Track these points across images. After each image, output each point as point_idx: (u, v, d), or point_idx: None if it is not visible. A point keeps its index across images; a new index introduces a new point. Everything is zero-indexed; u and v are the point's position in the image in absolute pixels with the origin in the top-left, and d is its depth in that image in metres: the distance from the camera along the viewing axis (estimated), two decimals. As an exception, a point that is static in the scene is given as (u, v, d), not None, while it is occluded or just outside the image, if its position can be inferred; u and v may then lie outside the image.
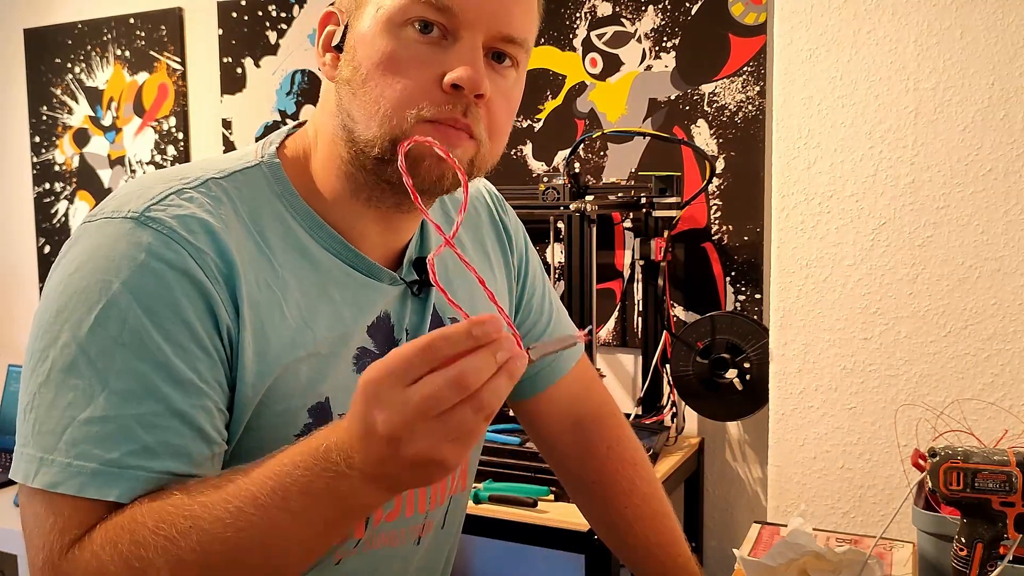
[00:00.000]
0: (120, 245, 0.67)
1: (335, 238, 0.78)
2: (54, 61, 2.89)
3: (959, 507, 0.97)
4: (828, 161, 1.46)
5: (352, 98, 0.72)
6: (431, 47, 0.70)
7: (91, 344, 0.65)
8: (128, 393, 0.65)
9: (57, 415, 0.65)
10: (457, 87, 0.70)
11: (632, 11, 2.08)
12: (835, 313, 1.47)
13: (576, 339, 0.62)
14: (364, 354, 0.78)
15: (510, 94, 0.76)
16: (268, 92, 2.58)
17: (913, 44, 1.39)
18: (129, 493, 0.65)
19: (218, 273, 0.69)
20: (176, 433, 0.66)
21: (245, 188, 0.75)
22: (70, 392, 0.65)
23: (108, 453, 0.64)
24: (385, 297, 0.81)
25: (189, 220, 0.69)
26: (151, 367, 0.66)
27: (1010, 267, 1.36)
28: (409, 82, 0.70)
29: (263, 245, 0.74)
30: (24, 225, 3.01)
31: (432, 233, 0.87)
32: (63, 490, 0.64)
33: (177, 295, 0.67)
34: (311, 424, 0.74)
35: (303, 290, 0.75)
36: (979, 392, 1.39)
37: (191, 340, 0.67)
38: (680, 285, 2.07)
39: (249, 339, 0.70)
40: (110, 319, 0.66)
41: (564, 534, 1.55)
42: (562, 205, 1.75)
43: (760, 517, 1.90)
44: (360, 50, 0.72)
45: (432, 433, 0.54)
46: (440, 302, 0.86)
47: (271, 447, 0.72)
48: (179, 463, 0.66)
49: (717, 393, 1.89)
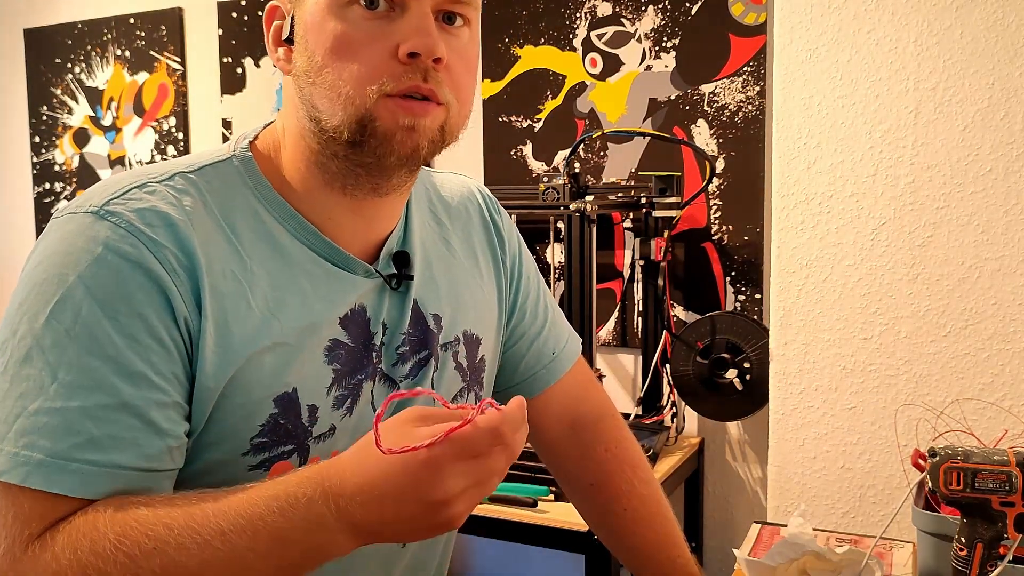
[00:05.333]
0: (79, 239, 0.68)
1: (307, 228, 0.77)
2: (54, 61, 2.89)
3: (959, 507, 0.97)
4: (828, 161, 1.46)
5: (312, 87, 0.73)
6: (380, 21, 0.71)
7: (45, 336, 0.66)
8: (77, 386, 0.65)
9: (9, 405, 0.66)
10: (413, 55, 0.70)
11: (632, 11, 2.08)
12: (835, 313, 1.47)
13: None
14: (337, 346, 0.78)
15: (466, 53, 0.76)
16: (268, 92, 2.58)
17: (913, 44, 1.39)
18: (81, 488, 0.65)
19: (177, 265, 0.69)
20: (125, 426, 0.66)
21: (215, 181, 0.76)
22: (23, 383, 0.66)
23: (55, 445, 0.64)
24: (359, 289, 0.80)
25: (147, 213, 0.70)
26: (101, 360, 0.66)
27: (1010, 267, 1.36)
28: (365, 60, 0.70)
29: (232, 236, 0.74)
30: (24, 225, 3.01)
31: (416, 225, 0.87)
32: (7, 479, 0.64)
33: (132, 288, 0.67)
34: (276, 414, 0.74)
35: (272, 281, 0.75)
36: (979, 392, 1.39)
37: (146, 333, 0.68)
38: (680, 285, 2.07)
39: (211, 330, 0.70)
40: (64, 312, 0.66)
41: (564, 534, 1.55)
42: (562, 205, 1.75)
43: (760, 517, 1.90)
44: (311, 38, 0.72)
45: (468, 499, 0.62)
46: (421, 297, 0.85)
47: (236, 437, 0.72)
48: (128, 456, 0.66)
49: (717, 393, 1.89)
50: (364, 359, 0.80)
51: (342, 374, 0.78)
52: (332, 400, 0.77)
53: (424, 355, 0.85)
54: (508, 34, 2.20)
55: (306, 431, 0.76)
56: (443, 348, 0.87)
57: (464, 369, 0.89)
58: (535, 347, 1.01)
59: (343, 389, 0.78)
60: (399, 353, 0.83)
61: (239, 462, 0.73)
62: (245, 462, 0.73)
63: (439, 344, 0.86)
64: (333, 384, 0.77)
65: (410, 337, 0.83)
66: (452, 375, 0.88)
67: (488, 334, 0.93)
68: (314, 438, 0.76)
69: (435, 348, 0.85)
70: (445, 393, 0.87)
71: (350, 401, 0.79)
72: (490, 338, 0.94)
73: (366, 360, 0.80)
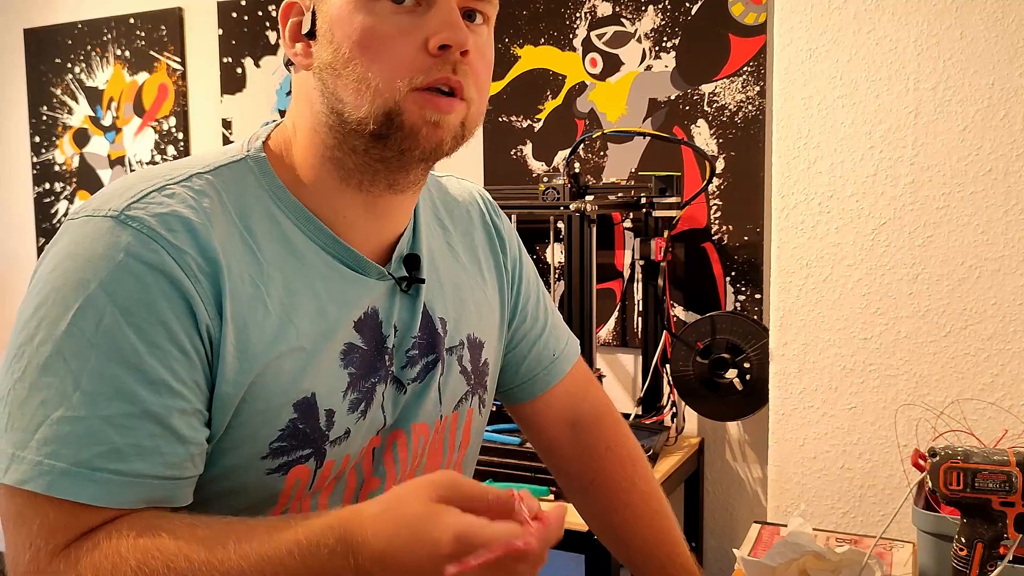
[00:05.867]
0: (99, 244, 0.68)
1: (323, 231, 0.77)
2: (54, 61, 2.89)
3: (959, 507, 0.97)
4: (828, 161, 1.46)
5: (337, 80, 0.72)
6: (408, 15, 0.71)
7: (66, 344, 0.65)
8: (99, 394, 0.65)
9: (30, 412, 0.65)
10: (444, 47, 0.71)
11: (632, 11, 2.08)
12: (835, 313, 1.47)
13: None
14: (351, 350, 0.78)
15: (485, 51, 0.77)
16: (268, 92, 2.58)
17: (913, 44, 1.39)
18: (105, 497, 0.64)
19: (198, 271, 0.69)
20: (147, 434, 0.66)
21: (231, 181, 0.75)
22: (44, 390, 0.65)
23: (78, 454, 0.64)
24: (372, 292, 0.80)
25: (169, 218, 0.69)
26: (123, 368, 0.66)
27: (1010, 267, 1.36)
28: (395, 54, 0.71)
29: (248, 239, 0.74)
30: (24, 225, 3.01)
31: (423, 228, 0.87)
32: (31, 487, 0.64)
33: (155, 295, 0.67)
34: (296, 419, 0.74)
35: (287, 284, 0.75)
36: (979, 392, 1.39)
37: (168, 340, 0.67)
38: (680, 285, 2.07)
39: (231, 336, 0.70)
40: (86, 319, 0.66)
41: (564, 534, 1.54)
42: (562, 205, 1.75)
43: (760, 517, 1.90)
44: (337, 31, 0.72)
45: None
46: (431, 301, 0.85)
47: (255, 442, 0.72)
48: (151, 465, 0.66)
49: (717, 393, 1.89)
50: (377, 362, 0.80)
51: (357, 377, 0.78)
52: (348, 404, 0.77)
53: (432, 359, 0.85)
54: (508, 34, 2.20)
55: (323, 435, 0.76)
56: (448, 352, 0.87)
57: (468, 373, 0.90)
58: (536, 349, 1.01)
59: (358, 392, 0.78)
60: (408, 356, 0.83)
61: (257, 466, 0.73)
62: (263, 466, 0.73)
63: (445, 348, 0.86)
64: (349, 388, 0.77)
65: (419, 340, 0.84)
66: (457, 379, 0.88)
67: (491, 337, 0.93)
68: (331, 442, 0.76)
69: (442, 352, 0.86)
70: (450, 396, 0.87)
71: (364, 404, 0.79)
72: (493, 341, 0.94)
73: (379, 363, 0.80)
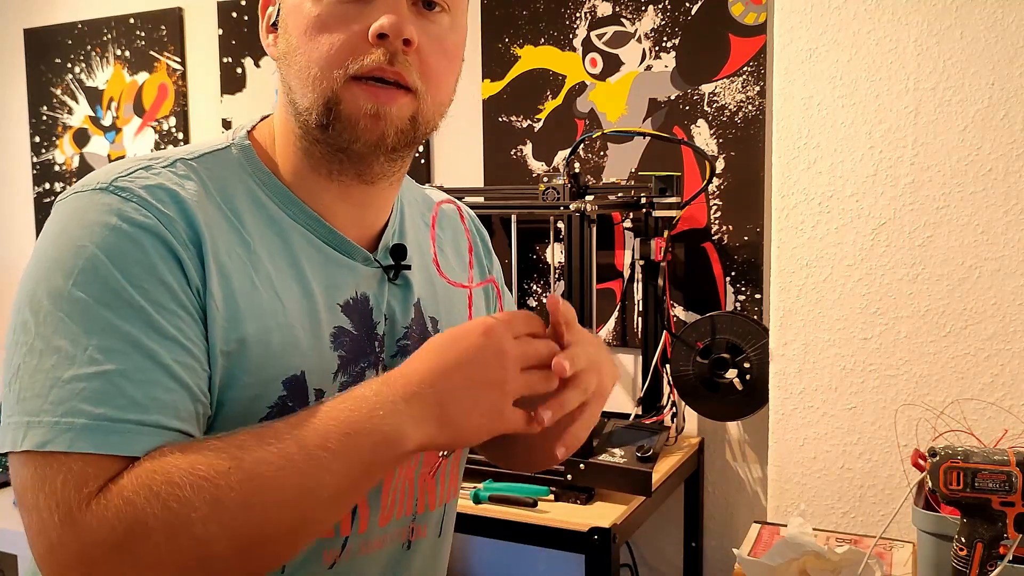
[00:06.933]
0: (91, 213, 0.68)
1: (307, 212, 0.78)
2: (54, 61, 2.89)
3: (959, 507, 0.97)
4: (828, 161, 1.46)
5: (288, 70, 0.74)
6: (353, 4, 0.72)
7: (72, 308, 0.65)
8: (112, 350, 0.65)
9: (41, 379, 0.64)
10: (382, 36, 0.71)
11: (632, 11, 2.08)
12: (835, 313, 1.47)
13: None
14: (342, 333, 0.78)
15: (444, 40, 0.76)
16: (268, 92, 2.58)
17: (913, 44, 1.39)
18: (129, 447, 0.63)
19: (187, 238, 0.70)
20: (163, 388, 0.66)
21: (216, 167, 0.77)
22: (53, 355, 0.64)
23: (97, 407, 0.63)
24: (358, 277, 0.81)
25: (156, 190, 0.71)
26: (135, 324, 0.66)
27: (1010, 267, 1.36)
28: (334, 41, 0.71)
29: (233, 219, 0.74)
30: (24, 225, 3.01)
31: (408, 219, 0.88)
32: (52, 447, 0.62)
33: (153, 257, 0.67)
34: (285, 396, 0.74)
35: (274, 263, 0.75)
36: (979, 392, 1.39)
37: (171, 300, 0.68)
38: (680, 285, 2.07)
39: (219, 304, 0.70)
40: (89, 282, 0.66)
41: (564, 534, 1.55)
42: (562, 205, 1.75)
43: (760, 517, 1.90)
44: (290, 21, 0.74)
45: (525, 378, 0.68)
46: (423, 299, 0.86)
47: (244, 420, 0.71)
48: (168, 417, 0.66)
49: (717, 393, 1.89)
50: (367, 348, 0.81)
51: (347, 361, 0.79)
52: (338, 386, 0.78)
53: None
54: (508, 34, 2.20)
55: None
56: None
57: None
58: None
59: (348, 376, 0.79)
60: (400, 345, 0.83)
61: None
62: None
63: None
64: (339, 370, 0.78)
65: (412, 332, 0.85)
66: None
67: None
68: None
69: None
70: None
71: None
72: None
73: (369, 349, 0.81)
